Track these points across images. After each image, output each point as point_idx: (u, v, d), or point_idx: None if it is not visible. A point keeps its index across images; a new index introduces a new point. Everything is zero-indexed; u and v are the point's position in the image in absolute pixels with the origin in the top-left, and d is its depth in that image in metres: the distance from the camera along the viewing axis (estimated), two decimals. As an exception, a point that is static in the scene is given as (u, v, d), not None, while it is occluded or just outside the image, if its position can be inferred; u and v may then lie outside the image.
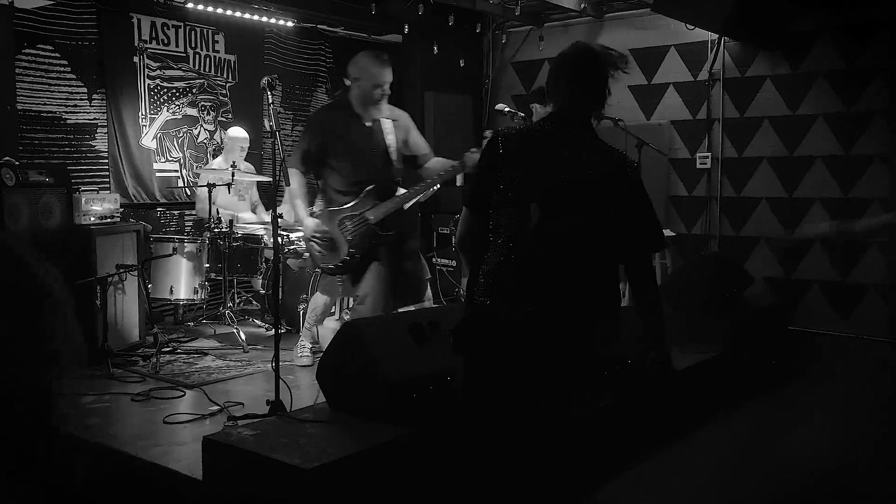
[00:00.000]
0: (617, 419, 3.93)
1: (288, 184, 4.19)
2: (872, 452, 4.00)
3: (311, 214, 4.46)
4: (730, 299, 5.48)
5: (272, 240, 4.19)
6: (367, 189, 4.34)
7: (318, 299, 5.12)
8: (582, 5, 7.47)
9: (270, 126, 3.98)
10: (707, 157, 7.26)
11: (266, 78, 3.89)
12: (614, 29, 7.81)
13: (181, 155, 6.60)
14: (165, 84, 6.42)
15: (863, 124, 6.45)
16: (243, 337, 5.51)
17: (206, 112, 6.76)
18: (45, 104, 5.72)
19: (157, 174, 6.43)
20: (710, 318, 5.13)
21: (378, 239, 4.37)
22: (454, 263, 6.93)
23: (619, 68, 2.47)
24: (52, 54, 5.75)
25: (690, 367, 4.58)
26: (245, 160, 6.26)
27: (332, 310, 5.42)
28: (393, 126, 4.47)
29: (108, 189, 5.99)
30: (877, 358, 5.93)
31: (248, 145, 6.25)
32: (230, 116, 6.95)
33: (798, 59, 6.74)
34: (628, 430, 3.93)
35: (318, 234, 4.37)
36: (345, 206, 4.38)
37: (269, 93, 3.86)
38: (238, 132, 6.21)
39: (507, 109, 5.14)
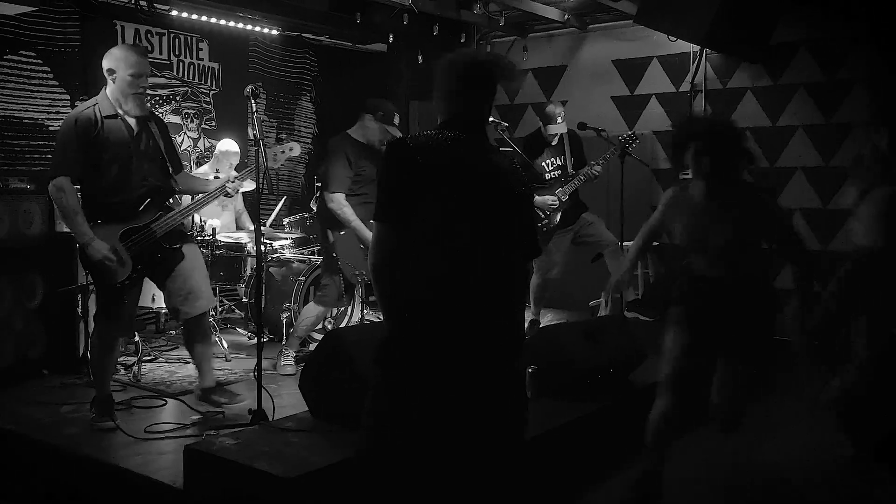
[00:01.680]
0: (601, 425, 3.95)
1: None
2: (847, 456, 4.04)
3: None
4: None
5: (255, 248, 4.17)
6: (150, 198, 3.92)
7: (311, 310, 5.11)
8: (565, 17, 7.53)
9: (254, 134, 3.90)
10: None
11: (250, 86, 3.88)
12: (597, 40, 7.88)
13: (164, 162, 6.58)
14: (149, 91, 6.38)
15: (842, 136, 6.54)
16: (225, 345, 5.49)
17: (189, 119, 6.75)
18: (26, 111, 5.69)
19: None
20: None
21: (164, 253, 3.96)
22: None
23: (507, 77, 2.38)
24: (35, 61, 5.72)
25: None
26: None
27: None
28: (155, 127, 4.04)
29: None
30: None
31: (238, 160, 6.22)
32: (214, 124, 6.94)
33: (778, 71, 6.83)
34: (608, 440, 3.95)
35: (108, 256, 3.77)
36: (125, 218, 3.88)
37: (253, 101, 3.86)
38: (230, 146, 6.16)
39: (490, 119, 5.15)
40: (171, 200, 4.13)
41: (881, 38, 6.21)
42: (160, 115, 6.46)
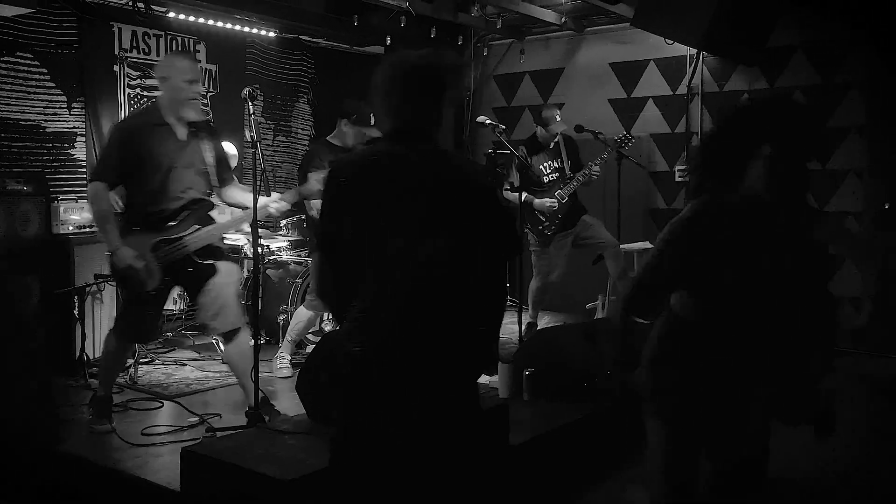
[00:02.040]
0: (598, 427, 3.96)
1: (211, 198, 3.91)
2: (847, 462, 4.04)
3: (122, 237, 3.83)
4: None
5: (252, 249, 4.16)
6: (189, 211, 3.88)
7: (302, 314, 5.10)
8: (563, 19, 7.54)
9: (251, 136, 3.88)
10: (686, 170, 7.33)
11: (247, 88, 3.87)
12: (594, 43, 7.89)
13: (161, 164, 6.57)
14: (146, 93, 6.39)
15: (838, 139, 6.55)
16: (223, 348, 5.48)
17: (186, 122, 6.74)
18: (23, 112, 5.68)
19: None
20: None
21: (196, 267, 3.89)
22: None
23: (452, 83, 2.22)
24: (32, 62, 5.70)
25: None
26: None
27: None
28: (208, 137, 4.00)
29: (87, 198, 5.94)
30: (853, 371, 5.99)
31: (236, 163, 6.20)
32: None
33: (775, 73, 6.85)
34: (605, 442, 3.95)
35: (135, 264, 3.74)
36: (162, 228, 3.84)
37: (250, 103, 3.85)
38: (229, 149, 6.14)
39: (488, 122, 5.16)
40: (211, 214, 4.01)
41: (878, 40, 6.23)
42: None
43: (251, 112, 3.85)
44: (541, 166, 5.93)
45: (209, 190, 3.99)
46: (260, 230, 4.10)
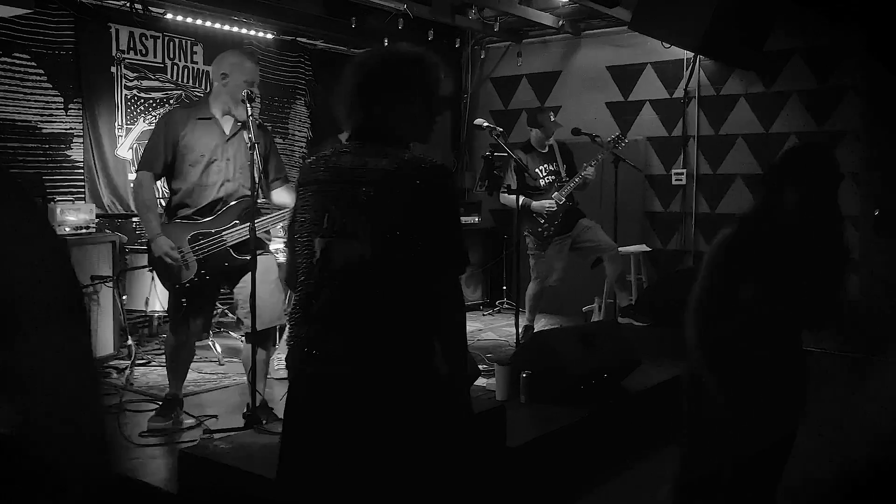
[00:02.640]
0: (595, 431, 3.96)
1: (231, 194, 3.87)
2: (838, 461, 4.05)
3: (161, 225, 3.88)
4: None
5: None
6: (229, 205, 3.88)
7: None
8: (560, 22, 7.56)
9: (249, 138, 3.88)
10: (682, 173, 7.35)
11: (245, 90, 3.87)
12: (591, 46, 7.90)
13: (158, 166, 6.57)
14: (143, 94, 6.39)
15: (834, 143, 6.57)
16: (219, 349, 5.48)
17: (183, 123, 6.74)
18: (20, 113, 5.67)
19: (133, 185, 6.38)
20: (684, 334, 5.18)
21: (232, 262, 3.88)
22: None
23: (418, 78, 2.13)
24: (29, 63, 5.70)
25: (664, 381, 4.62)
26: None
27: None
28: (261, 136, 3.96)
29: (83, 199, 5.93)
30: (847, 373, 6.01)
31: None
32: (208, 128, 6.92)
33: (771, 78, 6.87)
34: (601, 445, 3.95)
35: (170, 254, 3.76)
36: (200, 221, 3.86)
37: (248, 105, 3.85)
38: None
39: (485, 124, 5.17)
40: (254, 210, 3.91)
41: (874, 45, 6.25)
42: (153, 118, 6.46)
43: (249, 114, 3.83)
44: (536, 169, 5.94)
45: (251, 187, 3.94)
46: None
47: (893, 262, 5.74)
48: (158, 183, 4.15)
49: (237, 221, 3.87)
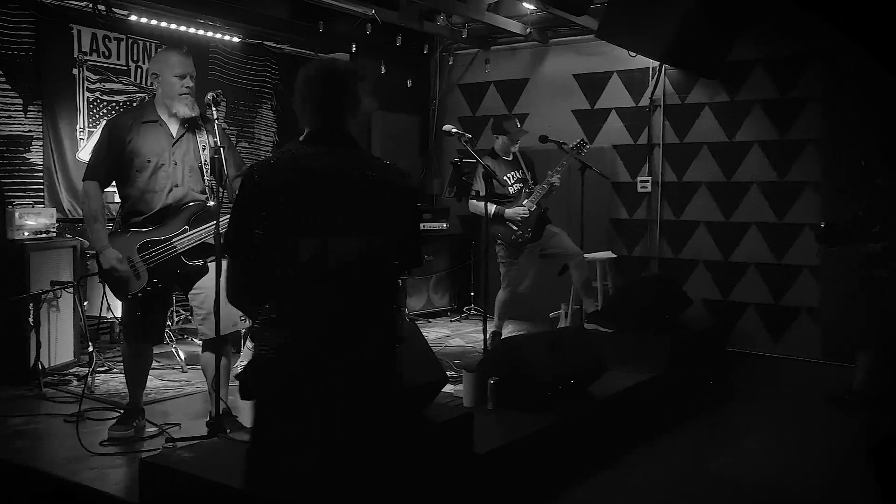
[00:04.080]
0: (562, 437, 3.97)
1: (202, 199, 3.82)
2: (806, 469, 4.11)
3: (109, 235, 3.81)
4: (669, 320, 5.59)
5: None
6: (179, 211, 3.81)
7: None
8: (528, 30, 7.60)
9: (215, 142, 3.82)
10: (648, 181, 7.42)
11: (211, 93, 3.81)
12: (559, 54, 7.96)
13: (121, 169, 6.46)
14: (105, 97, 6.29)
15: (796, 152, 6.69)
16: (182, 356, 5.40)
17: (147, 126, 6.64)
18: (-23, 115, 5.55)
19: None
20: (649, 339, 5.22)
21: (184, 268, 3.82)
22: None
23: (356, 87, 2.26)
24: (-13, 64, 5.58)
25: (630, 387, 4.65)
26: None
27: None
28: (207, 136, 3.92)
29: (43, 203, 5.81)
30: (807, 378, 6.11)
31: None
32: (172, 131, 6.83)
33: (735, 87, 6.97)
34: (568, 451, 3.96)
35: (116, 267, 3.69)
36: (149, 229, 3.79)
37: (213, 108, 3.80)
38: None
39: (454, 130, 5.17)
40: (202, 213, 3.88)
41: (833, 57, 6.38)
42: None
43: (215, 117, 3.79)
44: (504, 177, 5.96)
45: (203, 189, 3.92)
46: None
47: (846, 270, 5.84)
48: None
49: (186, 228, 3.80)
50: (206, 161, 3.87)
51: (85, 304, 5.41)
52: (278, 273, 2.09)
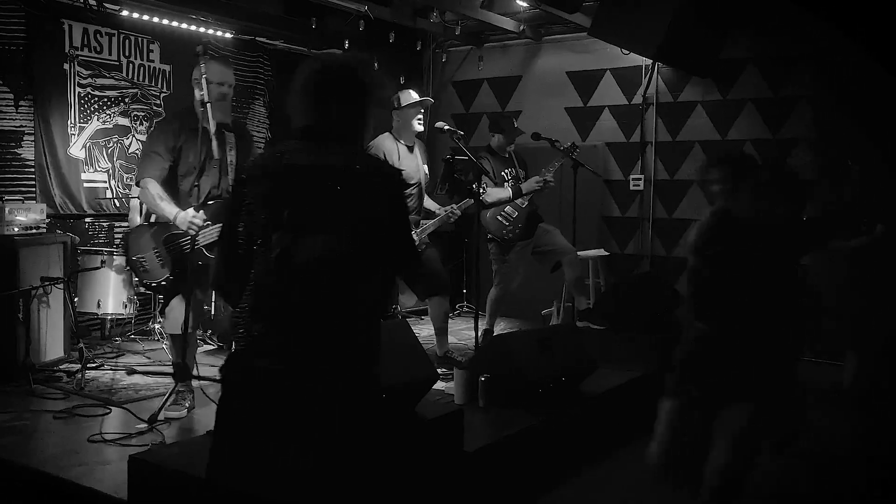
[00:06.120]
0: (552, 434, 3.97)
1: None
2: (797, 466, 4.13)
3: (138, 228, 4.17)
4: (661, 318, 5.59)
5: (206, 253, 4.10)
6: (206, 207, 3.97)
7: None
8: (521, 27, 7.59)
9: (201, 97, 3.96)
10: (640, 178, 7.44)
11: (200, 45, 4.02)
12: (552, 51, 7.96)
13: (110, 165, 6.43)
14: (97, 92, 6.26)
15: (787, 150, 6.71)
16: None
17: (139, 122, 6.61)
18: (-33, 109, 5.52)
19: (85, 184, 6.24)
20: (640, 337, 5.23)
21: (206, 261, 3.99)
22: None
23: (374, 90, 2.22)
24: (-23, 58, 5.55)
25: (621, 384, 4.66)
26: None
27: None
28: (235, 140, 4.19)
29: (34, 199, 5.79)
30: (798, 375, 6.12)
31: None
32: (164, 127, 6.80)
33: (727, 85, 6.98)
34: (558, 448, 3.97)
35: (194, 223, 3.88)
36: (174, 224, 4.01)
37: (202, 64, 4.00)
38: None
39: (446, 127, 5.17)
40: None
41: (824, 56, 6.40)
42: (107, 116, 6.33)
43: (203, 73, 3.90)
44: (502, 173, 5.96)
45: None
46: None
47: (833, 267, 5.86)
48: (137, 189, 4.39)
49: (210, 222, 3.96)
50: (231, 162, 4.15)
51: (76, 299, 5.39)
52: (256, 267, 2.10)
